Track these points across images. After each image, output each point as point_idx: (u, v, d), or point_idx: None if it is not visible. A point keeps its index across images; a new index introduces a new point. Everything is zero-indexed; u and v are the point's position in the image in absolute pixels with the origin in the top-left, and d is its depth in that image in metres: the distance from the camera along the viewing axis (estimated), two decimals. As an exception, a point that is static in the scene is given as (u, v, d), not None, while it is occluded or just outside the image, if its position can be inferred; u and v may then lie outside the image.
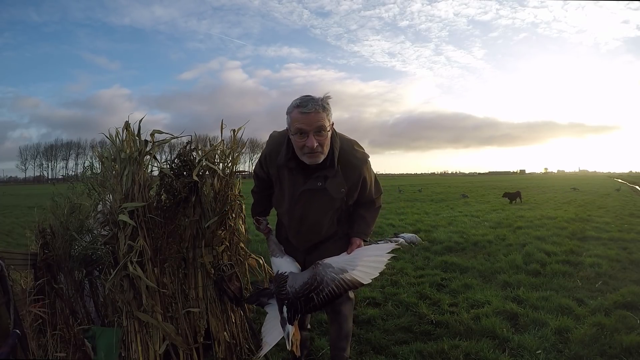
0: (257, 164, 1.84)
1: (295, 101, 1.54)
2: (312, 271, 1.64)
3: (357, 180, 1.66)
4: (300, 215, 1.70)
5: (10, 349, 1.42)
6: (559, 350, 2.16)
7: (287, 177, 1.66)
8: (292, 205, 1.69)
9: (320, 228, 1.73)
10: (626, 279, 3.37)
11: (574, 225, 6.56)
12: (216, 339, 2.01)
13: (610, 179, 45.32)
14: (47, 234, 1.96)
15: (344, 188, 1.64)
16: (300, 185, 1.64)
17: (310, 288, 1.62)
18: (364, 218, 1.77)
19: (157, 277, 1.87)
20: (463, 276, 3.58)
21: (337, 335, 1.86)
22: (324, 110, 1.52)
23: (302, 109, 1.51)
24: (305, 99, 1.52)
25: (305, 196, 1.65)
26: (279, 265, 1.77)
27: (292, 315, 1.67)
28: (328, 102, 1.53)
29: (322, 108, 1.51)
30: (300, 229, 1.74)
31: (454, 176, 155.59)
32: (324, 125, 1.52)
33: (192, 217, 1.99)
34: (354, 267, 1.62)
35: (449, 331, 2.42)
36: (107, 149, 2.00)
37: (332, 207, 1.68)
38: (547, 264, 3.87)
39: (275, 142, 1.69)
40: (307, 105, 1.50)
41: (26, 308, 1.75)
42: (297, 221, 1.73)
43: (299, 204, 1.67)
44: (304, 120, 1.51)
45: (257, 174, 1.85)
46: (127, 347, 1.82)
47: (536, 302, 2.80)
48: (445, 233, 5.89)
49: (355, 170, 1.65)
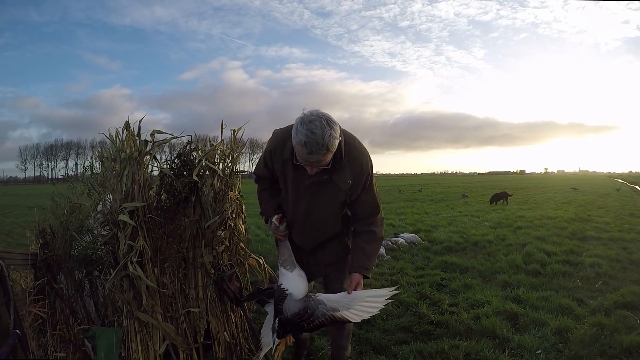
0: (258, 164, 1.80)
1: (301, 135, 1.43)
2: (305, 303, 1.63)
3: (360, 171, 1.63)
4: (305, 210, 1.67)
5: (10, 349, 1.42)
6: (559, 350, 2.16)
7: (291, 172, 1.63)
8: (297, 200, 1.67)
9: (325, 224, 1.71)
10: (626, 279, 3.37)
11: (574, 225, 6.56)
12: (216, 339, 2.01)
13: (610, 179, 45.33)
14: (47, 234, 1.96)
15: (350, 179, 1.61)
16: (305, 179, 1.61)
17: (302, 318, 1.63)
18: (364, 250, 1.68)
19: (157, 277, 1.87)
20: (463, 276, 3.58)
21: (339, 334, 1.85)
22: (328, 152, 1.46)
23: (306, 153, 1.45)
24: (311, 141, 1.42)
25: (310, 190, 1.63)
26: (285, 279, 1.71)
27: (281, 333, 1.69)
28: (334, 139, 1.45)
29: (325, 151, 1.44)
30: (305, 225, 1.71)
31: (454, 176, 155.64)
32: (324, 163, 1.51)
33: (192, 217, 1.99)
34: (347, 308, 1.60)
35: (449, 331, 2.42)
36: (107, 149, 2.00)
37: (337, 201, 1.65)
38: (547, 264, 3.88)
39: (280, 138, 1.66)
40: (311, 152, 1.44)
41: (26, 308, 1.75)
42: (301, 217, 1.69)
43: (304, 198, 1.65)
44: (307, 161, 1.49)
45: (259, 175, 1.80)
46: (127, 347, 1.82)
47: (536, 302, 2.80)
48: (445, 233, 5.90)
49: (358, 160, 1.62)
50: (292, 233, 1.78)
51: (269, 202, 1.79)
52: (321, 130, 1.41)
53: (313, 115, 1.45)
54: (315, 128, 1.41)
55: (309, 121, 1.43)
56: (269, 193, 1.81)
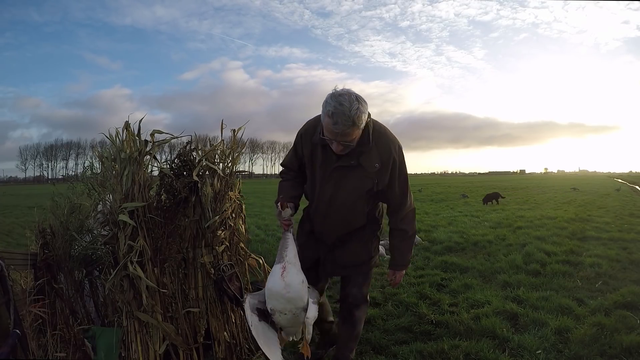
0: (287, 154, 1.85)
1: (329, 106, 1.48)
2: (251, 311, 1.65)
3: (389, 157, 1.64)
4: (330, 195, 1.68)
5: (10, 349, 1.42)
6: (559, 350, 2.16)
7: (320, 155, 1.66)
8: (323, 184, 1.68)
9: (348, 213, 1.71)
10: (626, 279, 3.37)
11: (574, 225, 6.55)
12: (216, 339, 2.01)
13: (610, 179, 45.30)
14: (47, 234, 1.96)
15: (378, 163, 1.62)
16: (333, 162, 1.64)
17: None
18: (399, 249, 1.82)
19: (157, 277, 1.87)
20: (463, 276, 3.57)
21: (348, 336, 1.88)
22: (354, 126, 1.48)
23: (332, 123, 1.48)
24: (338, 112, 1.46)
25: (337, 173, 1.64)
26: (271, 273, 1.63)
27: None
28: (361, 114, 1.48)
29: (351, 124, 1.47)
30: (328, 212, 1.72)
31: (454, 176, 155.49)
32: (350, 139, 1.53)
33: (192, 217, 1.99)
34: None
35: (449, 331, 2.42)
36: (107, 149, 2.00)
37: (363, 188, 1.65)
38: (547, 264, 3.87)
39: (311, 123, 1.71)
40: (337, 122, 1.47)
41: (26, 308, 1.75)
42: (326, 203, 1.70)
43: (330, 182, 1.66)
44: (333, 133, 1.52)
45: (286, 165, 1.83)
46: (127, 347, 1.82)
47: (536, 302, 2.80)
48: (445, 233, 5.89)
49: (387, 146, 1.64)
50: (314, 222, 1.80)
51: (287, 192, 1.77)
52: (349, 104, 1.46)
53: (344, 91, 1.51)
54: (344, 101, 1.47)
55: (338, 94, 1.49)
56: (290, 184, 1.81)
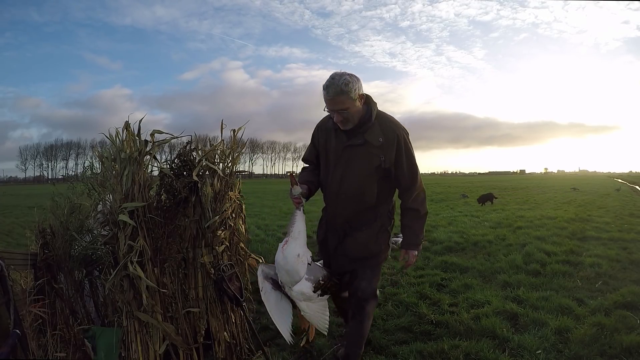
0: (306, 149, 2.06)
1: (325, 83, 1.74)
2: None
3: (393, 134, 1.80)
4: (341, 174, 1.84)
5: (10, 349, 1.42)
6: (559, 350, 2.16)
7: (333, 141, 1.87)
8: (335, 165, 1.86)
9: (358, 190, 1.83)
10: (626, 279, 3.37)
11: (574, 225, 6.55)
12: (216, 339, 2.01)
13: (610, 179, 45.27)
14: (47, 234, 1.96)
15: (381, 137, 1.79)
16: (342, 143, 1.84)
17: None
18: (411, 228, 1.90)
19: (157, 277, 1.87)
20: (463, 276, 3.57)
21: (356, 331, 1.90)
22: (342, 93, 1.70)
23: (326, 93, 1.73)
24: (328, 82, 1.72)
25: (347, 153, 1.83)
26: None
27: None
28: (347, 83, 1.69)
29: (339, 92, 1.69)
30: (339, 192, 1.85)
31: (454, 176, 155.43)
32: (343, 107, 1.72)
33: (192, 217, 1.99)
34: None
35: (449, 331, 2.41)
36: (107, 149, 2.01)
37: (371, 165, 1.80)
38: (547, 264, 3.87)
39: (325, 117, 1.94)
40: (328, 90, 1.72)
41: (26, 308, 1.75)
42: (337, 182, 1.85)
43: (340, 162, 1.84)
44: (327, 102, 1.75)
45: (306, 159, 2.04)
46: (127, 347, 1.82)
47: (536, 302, 2.79)
48: (445, 233, 5.89)
49: (389, 124, 1.82)
50: (326, 204, 1.95)
51: (303, 176, 1.99)
52: (339, 77, 1.72)
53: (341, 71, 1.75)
54: (335, 75, 1.73)
55: (334, 73, 1.75)
56: (307, 172, 2.02)
